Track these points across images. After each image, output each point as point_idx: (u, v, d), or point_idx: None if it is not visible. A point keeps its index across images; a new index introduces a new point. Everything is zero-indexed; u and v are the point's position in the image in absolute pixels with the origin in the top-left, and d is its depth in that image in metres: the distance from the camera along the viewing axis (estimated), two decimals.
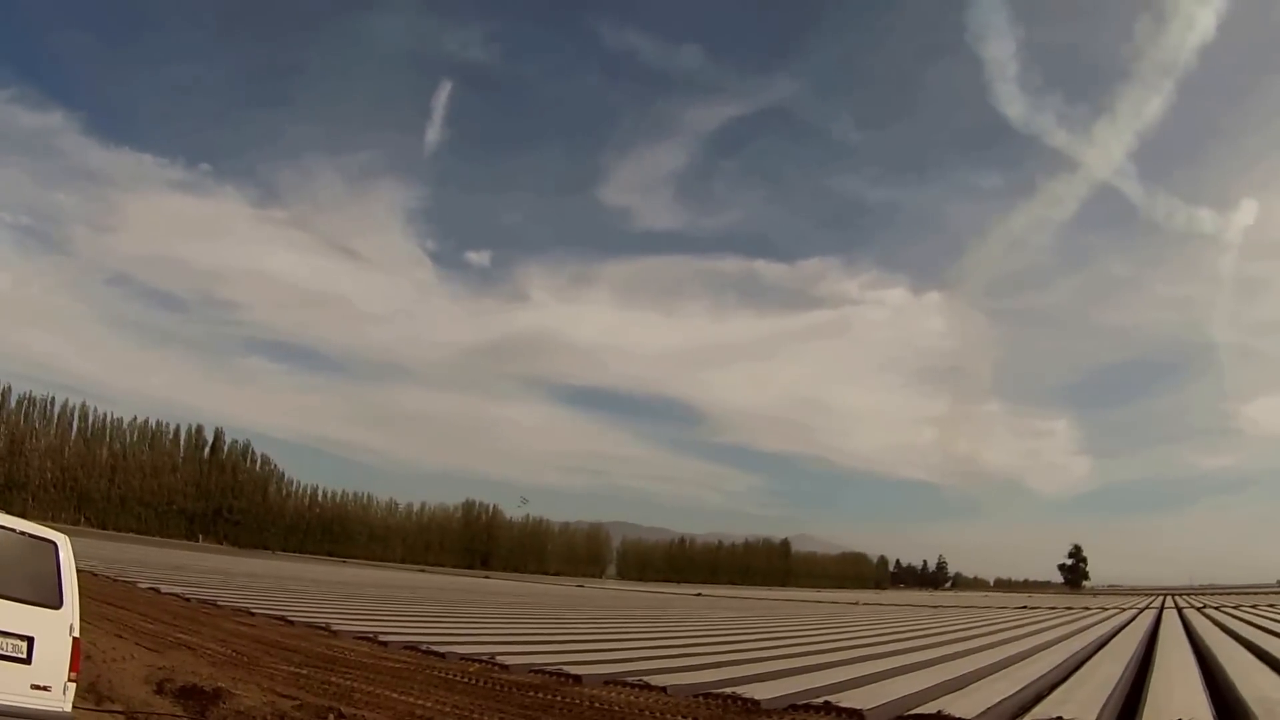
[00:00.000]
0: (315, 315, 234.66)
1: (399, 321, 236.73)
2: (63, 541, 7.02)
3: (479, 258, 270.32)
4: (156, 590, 26.96)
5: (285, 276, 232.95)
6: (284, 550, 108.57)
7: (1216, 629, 32.17)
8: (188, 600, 24.66)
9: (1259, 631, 28.68)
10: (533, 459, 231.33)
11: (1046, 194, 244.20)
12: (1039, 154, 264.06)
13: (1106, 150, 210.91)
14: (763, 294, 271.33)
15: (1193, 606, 60.19)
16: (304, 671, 13.19)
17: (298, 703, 10.03)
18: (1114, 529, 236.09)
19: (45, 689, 6.48)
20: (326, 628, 19.72)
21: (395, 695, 11.57)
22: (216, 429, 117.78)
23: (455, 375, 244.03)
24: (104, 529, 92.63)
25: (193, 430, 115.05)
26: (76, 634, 6.83)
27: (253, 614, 22.16)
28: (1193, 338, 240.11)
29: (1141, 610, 53.47)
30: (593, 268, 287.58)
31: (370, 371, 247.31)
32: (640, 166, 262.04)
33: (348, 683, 12.36)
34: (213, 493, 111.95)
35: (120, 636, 15.03)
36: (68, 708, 6.68)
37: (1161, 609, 53.48)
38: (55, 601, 6.74)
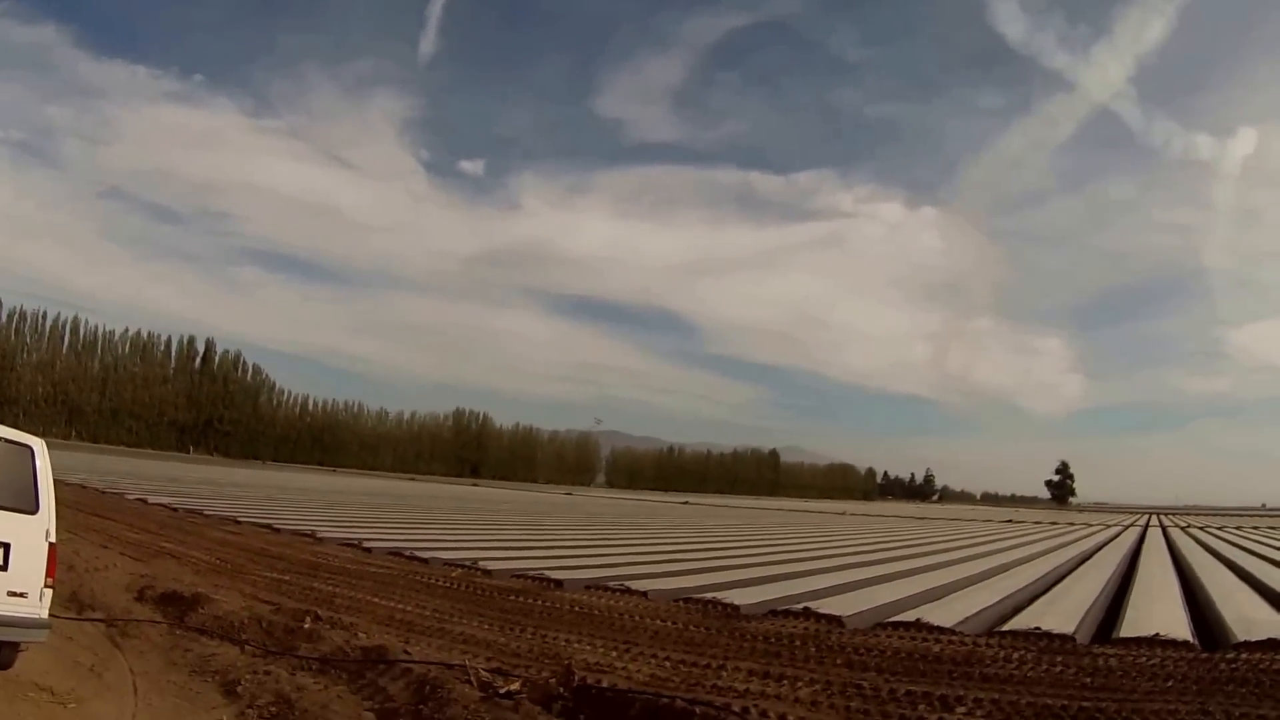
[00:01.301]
0: (310, 225, 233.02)
1: (393, 231, 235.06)
2: (39, 445, 6.80)
3: (473, 167, 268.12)
4: (144, 501, 26.97)
5: (280, 187, 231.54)
6: (274, 460, 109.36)
7: (1200, 548, 32.64)
8: (175, 510, 24.67)
9: (1241, 552, 29.11)
10: (525, 368, 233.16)
11: (1044, 115, 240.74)
12: (1037, 75, 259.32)
13: (1105, 73, 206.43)
14: (759, 206, 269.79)
15: (1177, 526, 61.19)
16: (286, 578, 13.22)
17: (275, 607, 9.97)
18: (1103, 448, 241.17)
19: (21, 595, 6.32)
20: (312, 535, 19.82)
21: (376, 600, 11.60)
22: (208, 339, 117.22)
23: (449, 284, 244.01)
24: (95, 443, 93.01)
25: (184, 341, 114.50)
26: (53, 540, 6.64)
27: (239, 522, 22.21)
28: (1187, 263, 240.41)
29: (1126, 527, 54.45)
30: (589, 178, 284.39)
31: (364, 280, 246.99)
32: (637, 77, 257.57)
33: (329, 588, 12.38)
34: (204, 404, 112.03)
35: (105, 546, 14.96)
36: (44, 614, 6.54)
37: (1146, 527, 54.53)
38: (31, 507, 6.55)
